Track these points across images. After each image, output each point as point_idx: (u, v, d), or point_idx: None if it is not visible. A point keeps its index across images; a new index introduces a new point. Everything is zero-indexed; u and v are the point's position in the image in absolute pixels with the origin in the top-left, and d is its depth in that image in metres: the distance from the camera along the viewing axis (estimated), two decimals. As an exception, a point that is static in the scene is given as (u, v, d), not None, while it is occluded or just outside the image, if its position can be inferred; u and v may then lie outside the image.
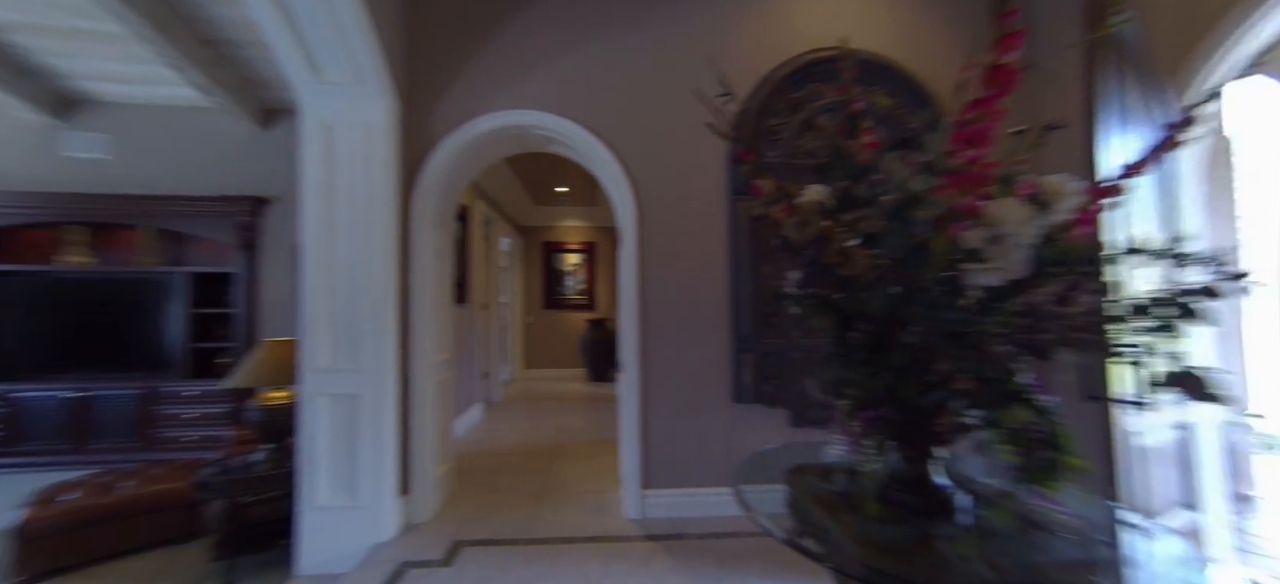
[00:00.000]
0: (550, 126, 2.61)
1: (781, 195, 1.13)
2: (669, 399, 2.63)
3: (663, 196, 2.67)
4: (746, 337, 2.59)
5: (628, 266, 2.64)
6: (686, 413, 2.64)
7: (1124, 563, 0.99)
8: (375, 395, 2.25)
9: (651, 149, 2.67)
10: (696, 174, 2.69)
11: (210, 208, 3.98)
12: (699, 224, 2.68)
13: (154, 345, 4.06)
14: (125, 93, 4.00)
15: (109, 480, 2.66)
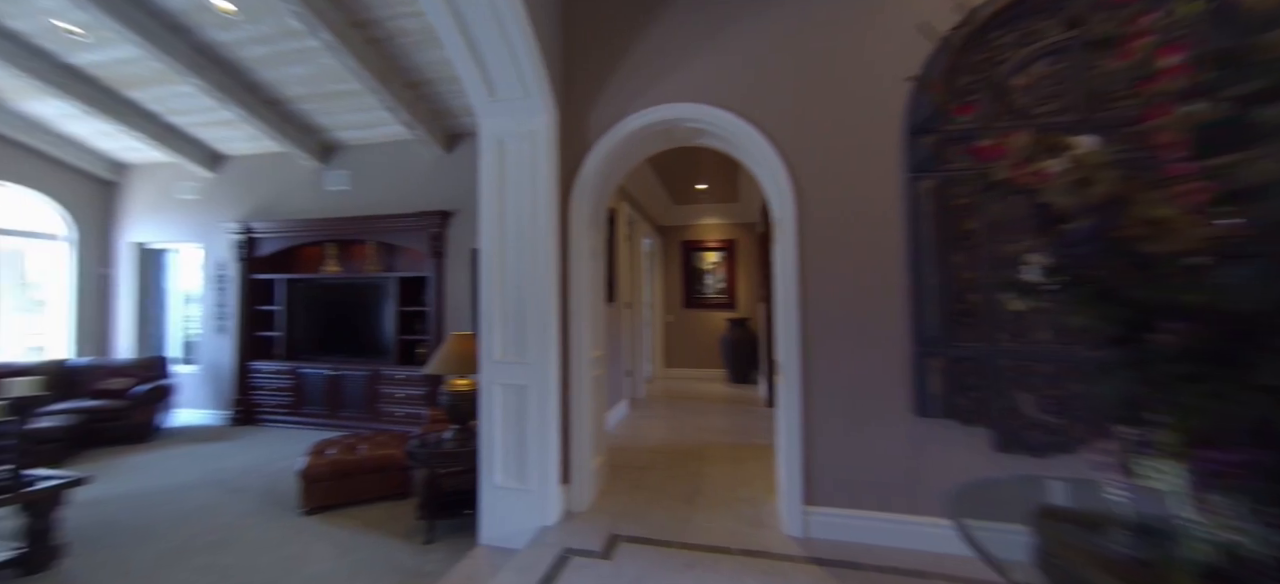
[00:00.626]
0: (699, 118, 2.52)
1: (1041, 150, 0.84)
2: (835, 407, 2.34)
3: (825, 181, 2.39)
4: (932, 338, 2.17)
5: (784, 260, 2.42)
6: (857, 424, 2.32)
7: None
8: (540, 387, 2.41)
9: (812, 130, 2.41)
10: (865, 154, 2.34)
11: (410, 223, 4.79)
12: (869, 209, 2.33)
13: (377, 336, 5.04)
14: (359, 136, 5.04)
15: (353, 442, 3.34)
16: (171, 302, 5.85)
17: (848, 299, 2.35)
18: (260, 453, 4.21)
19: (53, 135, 5.08)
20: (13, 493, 2.30)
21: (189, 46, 3.84)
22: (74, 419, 4.10)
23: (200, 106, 4.62)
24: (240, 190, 5.39)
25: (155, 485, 3.46)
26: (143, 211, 5.64)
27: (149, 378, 4.77)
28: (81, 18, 3.60)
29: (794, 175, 2.42)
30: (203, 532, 2.78)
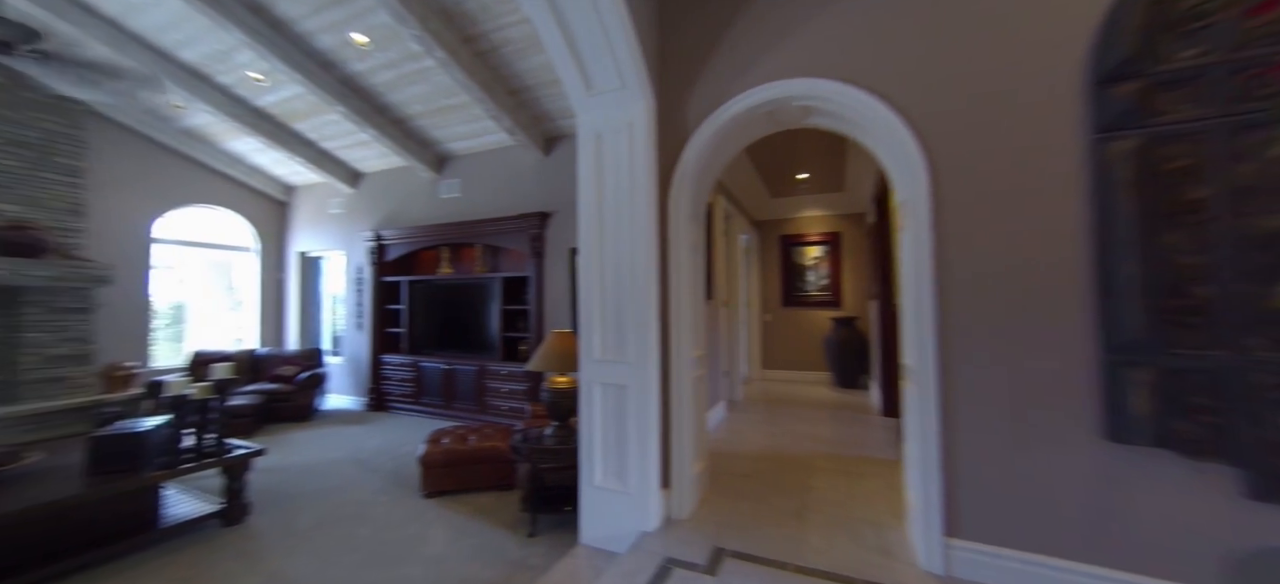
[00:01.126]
0: (810, 94, 2.27)
1: None
2: (986, 422, 1.95)
3: (970, 153, 2.00)
4: (1132, 343, 1.69)
5: (914, 250, 2.07)
6: (1017, 445, 1.90)
7: None
8: (640, 387, 2.33)
9: (951, 94, 2.04)
10: (1025, 115, 1.92)
11: (512, 225, 5.03)
12: (1032, 182, 1.91)
13: (484, 333, 5.38)
14: (467, 146, 5.42)
15: (464, 433, 3.56)
16: (324, 301, 6.81)
17: (1002, 293, 1.94)
18: (390, 437, 4.69)
19: (245, 166, 6.17)
20: (217, 458, 2.76)
21: (335, 80, 4.39)
22: (259, 398, 4.90)
23: (344, 132, 5.30)
24: (373, 203, 6.10)
25: (312, 459, 3.99)
26: (304, 225, 6.63)
27: (309, 367, 5.57)
28: (264, 66, 4.28)
29: (927, 149, 2.06)
30: (345, 504, 3.12)
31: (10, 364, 4.34)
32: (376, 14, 3.59)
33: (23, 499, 2.19)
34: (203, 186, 5.96)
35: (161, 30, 4.03)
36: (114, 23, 3.98)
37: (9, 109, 4.42)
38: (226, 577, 2.31)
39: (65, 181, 4.74)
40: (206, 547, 2.57)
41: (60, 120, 4.71)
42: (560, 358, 2.81)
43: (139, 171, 5.41)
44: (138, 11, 3.86)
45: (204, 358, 5.30)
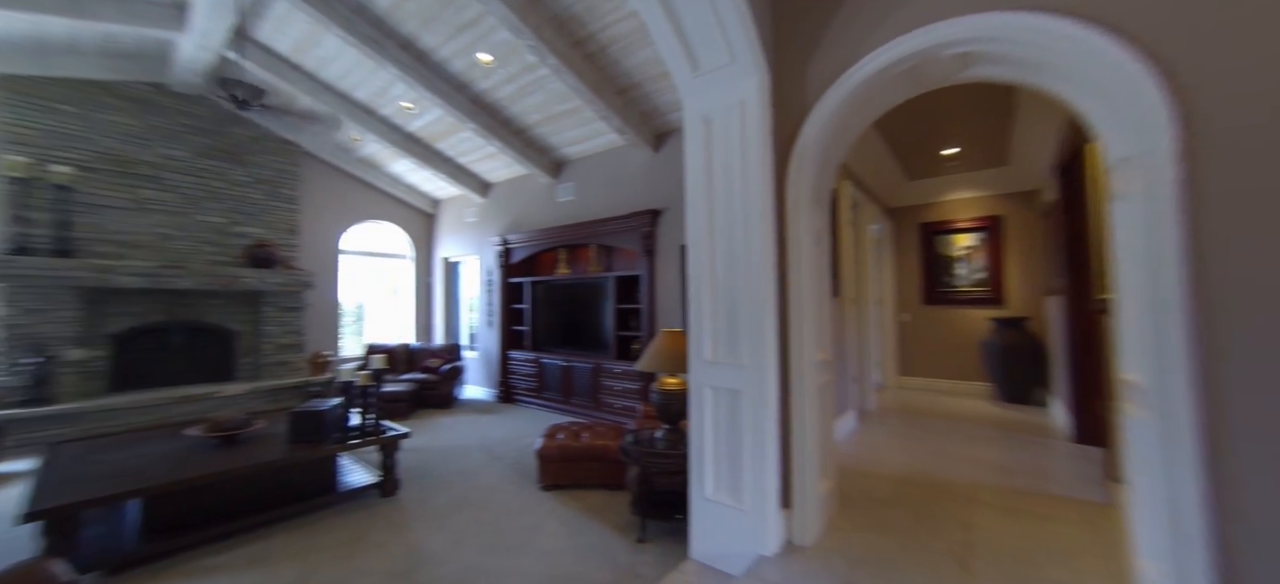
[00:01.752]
0: (973, 34, 1.81)
1: None
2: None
3: (1256, 90, 1.40)
4: None
5: (1147, 224, 1.52)
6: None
7: None
8: (756, 393, 2.09)
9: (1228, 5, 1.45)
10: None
11: (624, 224, 5.05)
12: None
13: (598, 332, 5.51)
14: (580, 149, 5.61)
15: (578, 430, 3.63)
16: (463, 301, 7.63)
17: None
18: (514, 428, 5.03)
19: (403, 185, 7.19)
20: (376, 437, 3.17)
21: (466, 99, 4.84)
22: (412, 386, 5.64)
23: (475, 146, 5.84)
24: (500, 210, 6.65)
25: (449, 443, 4.44)
26: (447, 233, 7.50)
27: (450, 360, 6.26)
28: (412, 95, 4.90)
29: (1177, 87, 1.49)
30: (474, 489, 3.37)
31: (256, 350, 5.55)
32: (498, 33, 3.84)
33: (252, 458, 2.71)
34: (374, 205, 7.06)
35: (341, 77, 4.82)
36: (311, 75, 4.85)
37: (254, 155, 5.67)
38: (378, 543, 2.60)
39: (286, 208, 5.94)
40: (367, 513, 2.95)
41: (283, 160, 5.91)
42: (670, 358, 2.68)
43: (330, 195, 6.58)
44: (326, 64, 4.65)
45: (373, 350, 6.25)
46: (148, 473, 2.50)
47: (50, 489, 2.27)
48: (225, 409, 4.89)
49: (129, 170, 4.86)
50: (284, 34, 4.31)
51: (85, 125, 4.65)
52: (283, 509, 2.82)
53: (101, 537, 2.48)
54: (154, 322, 4.91)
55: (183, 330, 5.11)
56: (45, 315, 4.27)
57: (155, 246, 4.98)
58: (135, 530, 2.52)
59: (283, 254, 5.79)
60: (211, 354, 5.30)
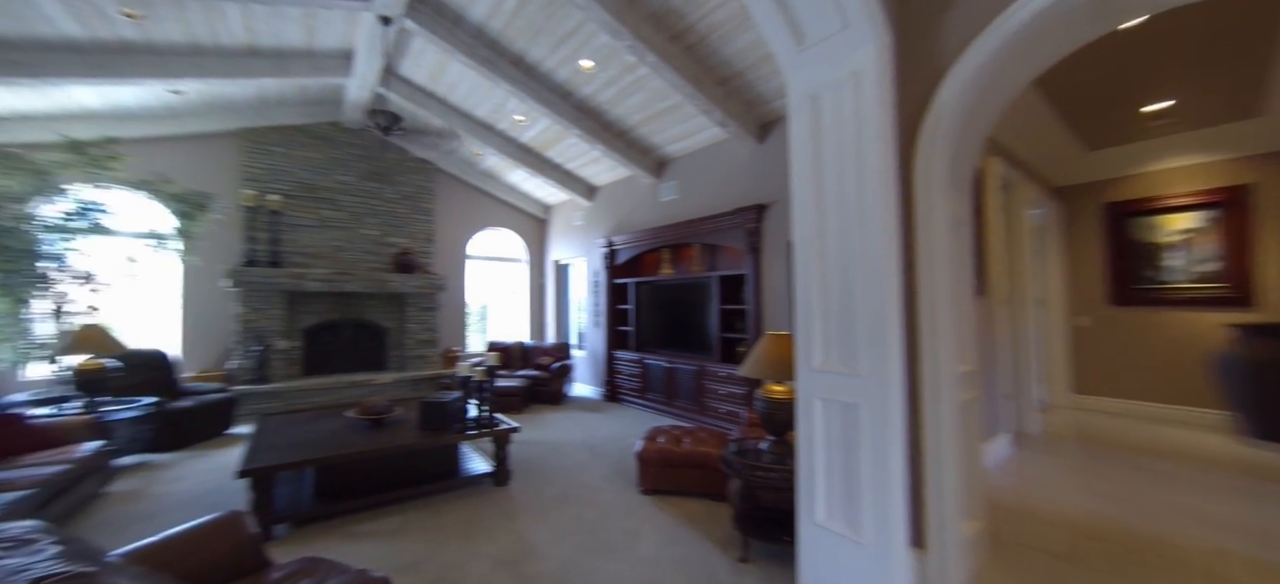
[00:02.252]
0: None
1: None
2: None
3: None
4: None
5: None
6: None
7: None
8: (876, 408, 1.79)
9: None
10: None
11: (727, 221, 4.83)
12: None
13: (702, 333, 5.36)
14: (682, 147, 5.51)
15: (679, 434, 3.53)
16: (572, 302, 8.01)
17: None
18: (618, 427, 5.11)
19: (519, 193, 7.78)
20: (490, 429, 3.42)
21: (571, 106, 5.03)
22: (525, 382, 6.05)
23: (581, 151, 6.07)
24: (606, 212, 6.83)
25: (557, 439, 4.64)
26: (557, 237, 7.95)
27: (560, 359, 6.60)
28: (523, 108, 5.25)
29: None
30: (578, 486, 3.46)
31: (401, 345, 6.42)
32: (597, 37, 3.91)
33: (392, 440, 3.09)
34: (494, 213, 7.75)
35: (465, 98, 5.33)
36: (442, 100, 5.45)
37: (399, 175, 6.56)
38: (489, 529, 2.78)
39: (424, 219, 6.78)
40: (482, 500, 3.18)
41: (421, 177, 6.76)
42: (776, 364, 2.45)
43: (458, 206, 7.37)
44: (453, 88, 5.18)
45: (493, 347, 6.84)
46: (318, 446, 2.97)
47: (255, 453, 2.80)
48: (377, 395, 5.71)
49: (315, 195, 5.93)
50: (420, 66, 4.88)
51: (288, 162, 5.77)
52: (415, 488, 3.17)
53: (290, 494, 3.01)
54: (331, 319, 5.93)
55: (351, 326, 6.09)
56: (264, 313, 5.38)
57: (331, 257, 6.01)
58: (311, 492, 3.01)
59: (421, 260, 6.60)
60: (370, 347, 6.24)
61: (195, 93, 4.84)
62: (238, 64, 4.39)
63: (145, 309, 5.19)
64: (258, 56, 4.43)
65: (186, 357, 5.36)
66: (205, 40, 4.05)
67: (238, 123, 5.47)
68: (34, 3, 3.33)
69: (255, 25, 4.01)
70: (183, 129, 5.25)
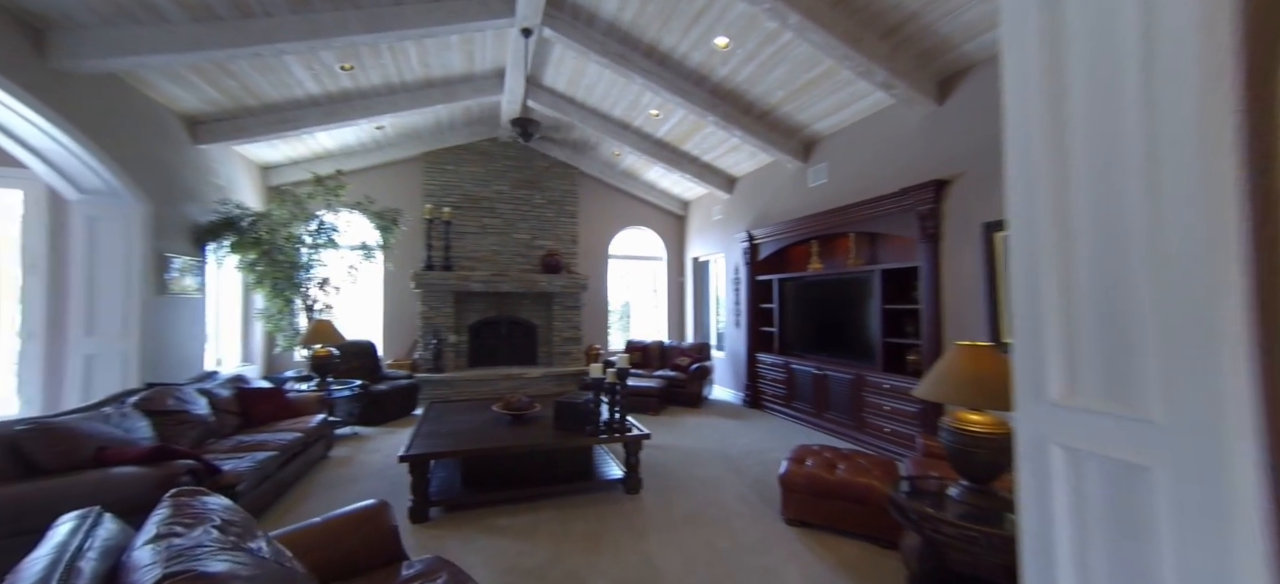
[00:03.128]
0: None
1: None
2: None
3: None
4: None
5: None
6: None
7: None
8: (1191, 478, 1.09)
9: None
10: None
11: (893, 204, 3.98)
12: None
13: (860, 337, 4.56)
14: (833, 123, 4.77)
15: (832, 458, 2.96)
16: (711, 300, 7.68)
17: None
18: (759, 438, 4.63)
19: (657, 190, 7.75)
20: (620, 434, 3.32)
21: (706, 92, 4.71)
22: (662, 383, 5.92)
23: (718, 141, 5.71)
24: (746, 204, 6.34)
25: (693, 446, 4.37)
26: (696, 234, 7.70)
27: (698, 360, 6.33)
28: (658, 101, 5.12)
29: None
30: (712, 504, 3.13)
31: (548, 342, 6.87)
32: (732, 8, 3.52)
33: (528, 438, 3.18)
34: (634, 212, 7.84)
35: (602, 98, 5.40)
36: (581, 104, 5.62)
37: (547, 180, 7.03)
38: (615, 543, 2.63)
39: (569, 221, 7.16)
40: (611, 508, 3.07)
41: (566, 181, 7.14)
42: (971, 385, 1.81)
43: (600, 207, 7.61)
44: (591, 90, 5.29)
45: (632, 347, 6.88)
46: (465, 437, 3.18)
47: (417, 439, 3.11)
48: (527, 389, 6.17)
49: (477, 205, 6.67)
50: (560, 73, 5.08)
51: (457, 177, 6.60)
52: (549, 487, 3.20)
53: (446, 478, 3.29)
54: (490, 316, 6.60)
55: (506, 323, 6.71)
56: (438, 311, 6.23)
57: (490, 260, 6.70)
58: (459, 480, 3.25)
59: (566, 261, 6.96)
60: (522, 343, 6.79)
61: (392, 127, 5.78)
62: (418, 96, 5.08)
63: (358, 307, 6.42)
64: (432, 87, 5.07)
65: (386, 347, 6.48)
66: (394, 79, 4.76)
67: (421, 148, 6.42)
68: (292, 73, 4.25)
69: (429, 59, 4.56)
70: (383, 158, 6.35)
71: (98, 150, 3.53)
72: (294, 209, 5.13)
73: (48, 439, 2.29)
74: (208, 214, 4.70)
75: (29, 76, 3.09)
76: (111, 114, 3.66)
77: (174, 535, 1.15)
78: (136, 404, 2.86)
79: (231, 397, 3.62)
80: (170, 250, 4.24)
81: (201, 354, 4.70)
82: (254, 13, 3.41)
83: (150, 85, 3.97)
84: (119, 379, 3.80)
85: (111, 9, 3.13)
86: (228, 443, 3.13)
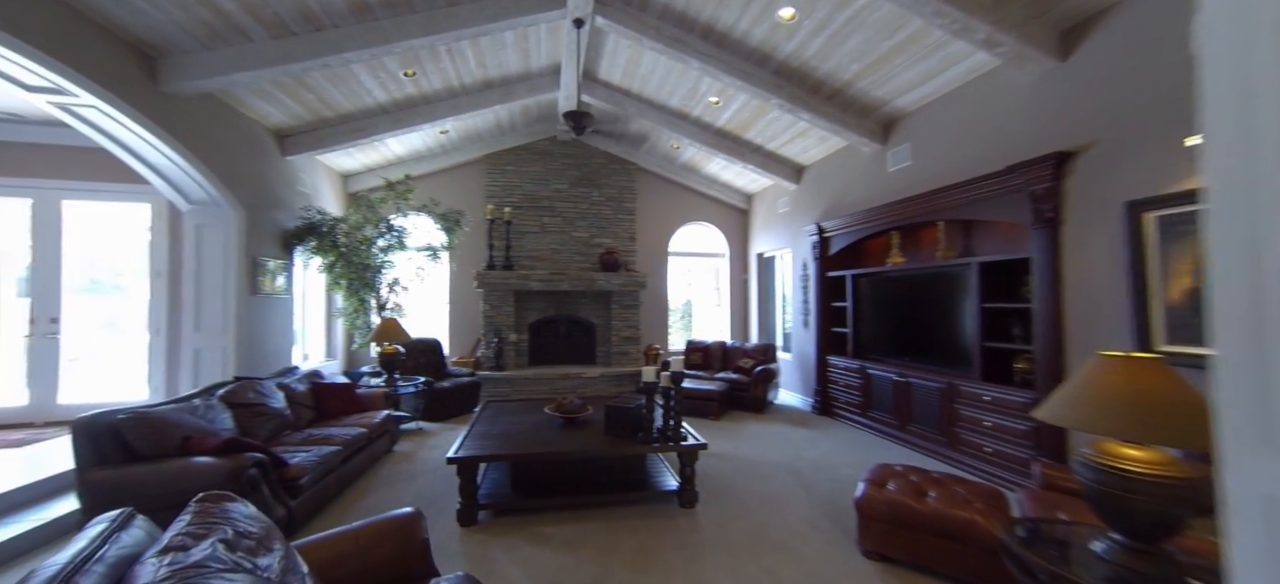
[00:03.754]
0: None
1: None
2: None
3: None
4: None
5: None
6: None
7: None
8: None
9: None
10: None
11: (995, 185, 3.39)
12: None
13: (952, 340, 3.97)
14: (918, 97, 4.19)
15: (920, 483, 2.53)
16: (777, 299, 7.20)
17: None
18: (831, 449, 4.18)
19: (718, 184, 7.40)
20: (675, 443, 3.08)
21: (770, 73, 4.33)
22: (724, 386, 5.60)
23: (784, 127, 5.28)
24: (815, 194, 5.83)
25: (756, 456, 4.03)
26: (760, 228, 7.25)
27: (763, 362, 5.92)
28: (717, 87, 4.81)
29: None
30: (776, 525, 2.81)
31: (607, 341, 6.77)
32: (799, -30, 3.15)
33: (576, 444, 3.04)
34: (694, 207, 7.54)
35: (659, 88, 5.18)
36: (637, 96, 5.44)
37: (604, 177, 6.94)
38: (666, 563, 2.40)
39: (627, 218, 7.02)
40: (663, 522, 2.84)
41: (624, 178, 7.01)
42: (1127, 411, 1.37)
43: (659, 202, 7.40)
44: (647, 81, 5.09)
45: (692, 347, 6.60)
46: (516, 440, 3.10)
47: (466, 441, 3.08)
48: (584, 389, 6.09)
49: (537, 204, 6.71)
50: (615, 65, 4.92)
51: (517, 177, 6.69)
52: (598, 494, 3.04)
53: (496, 481, 3.24)
54: (549, 315, 6.62)
55: (565, 322, 6.70)
56: (500, 310, 6.34)
57: (549, 259, 6.72)
58: (509, 483, 3.18)
59: (624, 258, 6.82)
60: (581, 342, 6.74)
61: (455, 130, 5.95)
62: (477, 98, 5.16)
63: (427, 306, 6.70)
64: (490, 88, 5.13)
65: (451, 345, 6.71)
66: (454, 83, 4.85)
67: (483, 150, 6.56)
68: (361, 82, 4.46)
69: (485, 60, 4.60)
70: (448, 162, 6.57)
71: (200, 164, 3.88)
72: (366, 213, 5.41)
73: (143, 428, 2.48)
74: (294, 220, 5.07)
75: (145, 101, 3.43)
76: (211, 130, 4.01)
77: (182, 549, 1.09)
78: (222, 397, 3.06)
79: (306, 391, 3.83)
80: (262, 254, 4.61)
81: (289, 350, 5.08)
82: (323, 25, 3.56)
83: (244, 103, 4.32)
84: (220, 371, 4.17)
85: (207, 33, 3.40)
86: (299, 436, 3.29)
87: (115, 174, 4.44)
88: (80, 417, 2.42)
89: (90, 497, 2.32)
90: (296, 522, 2.64)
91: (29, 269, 4.58)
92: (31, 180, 4.57)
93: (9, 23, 2.59)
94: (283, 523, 2.51)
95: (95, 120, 3.44)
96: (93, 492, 2.32)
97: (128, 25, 3.16)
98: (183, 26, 3.28)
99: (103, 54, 3.11)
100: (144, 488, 2.34)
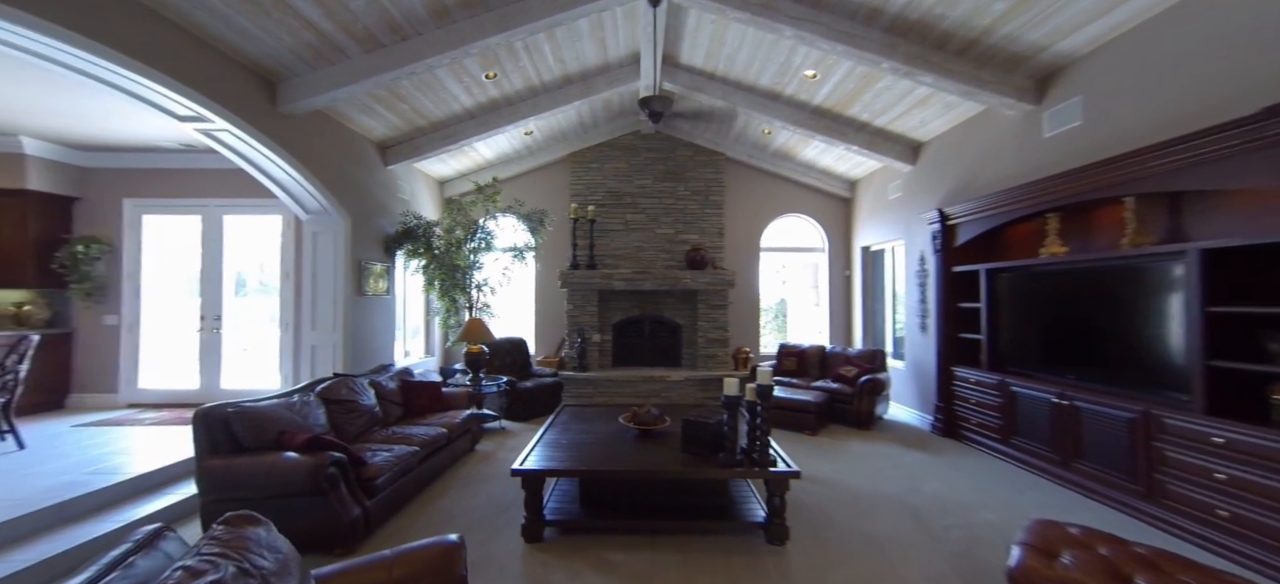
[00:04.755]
0: None
1: None
2: None
3: None
4: None
5: None
6: None
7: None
8: None
9: None
10: None
11: (1239, 139, 2.41)
12: None
13: (1144, 354, 2.99)
14: (1096, 33, 3.23)
15: (1116, 561, 1.81)
16: (887, 298, 6.26)
17: None
18: (959, 483, 3.40)
19: (816, 171, 6.64)
20: (761, 468, 2.63)
21: (879, 31, 3.64)
22: (823, 397, 4.94)
23: (897, 97, 4.49)
24: (937, 175, 4.91)
25: (861, 485, 3.40)
26: (865, 218, 6.37)
27: (870, 370, 5.14)
28: (814, 56, 4.21)
29: None
30: (888, 578, 2.25)
31: (693, 343, 6.41)
32: (921, -111, 2.51)
33: (651, 463, 2.74)
34: (788, 198, 6.86)
35: (746, 68, 4.69)
36: (722, 78, 4.99)
37: (690, 171, 6.56)
38: (750, 621, 1.99)
39: (714, 213, 6.58)
40: (747, 560, 2.43)
41: (711, 170, 6.57)
42: None
43: (749, 194, 6.84)
44: (732, 60, 4.63)
45: (785, 350, 5.97)
46: (586, 451, 2.88)
47: (533, 452, 2.91)
48: (669, 393, 5.78)
49: (620, 201, 6.54)
50: (697, 46, 4.53)
51: (601, 174, 6.57)
52: (672, 520, 2.71)
53: (566, 494, 3.05)
54: (633, 315, 6.41)
55: (650, 323, 6.45)
56: (583, 309, 6.27)
57: (633, 257, 6.50)
58: (578, 498, 2.96)
59: (711, 255, 6.38)
60: (666, 343, 6.44)
61: (539, 131, 5.98)
62: (557, 95, 5.09)
63: (515, 306, 6.86)
64: (570, 83, 5.02)
65: (537, 344, 6.79)
66: (535, 81, 4.82)
67: (567, 149, 6.54)
68: (447, 88, 4.60)
69: (563, 54, 4.48)
70: (534, 163, 6.65)
71: (312, 175, 4.23)
72: (457, 217, 5.63)
73: (246, 421, 2.65)
74: (394, 225, 5.42)
75: (267, 122, 3.80)
76: (321, 145, 4.36)
77: (196, 575, 0.97)
78: (319, 393, 3.25)
79: (396, 388, 4.00)
80: (367, 258, 4.96)
81: (391, 347, 5.45)
82: (408, 35, 3.66)
83: (349, 118, 4.67)
84: (330, 365, 4.54)
85: (312, 54, 3.65)
86: (383, 433, 3.40)
87: (255, 190, 5.06)
88: (199, 408, 2.65)
89: (205, 483, 2.52)
90: (372, 521, 2.67)
91: (200, 274, 5.41)
92: (200, 200, 5.39)
93: (165, 63, 2.95)
94: (358, 522, 2.54)
95: (230, 142, 3.87)
96: (206, 478, 2.51)
97: (248, 53, 3.49)
98: (292, 50, 3.54)
99: (232, 82, 3.47)
100: (243, 479, 2.48)
